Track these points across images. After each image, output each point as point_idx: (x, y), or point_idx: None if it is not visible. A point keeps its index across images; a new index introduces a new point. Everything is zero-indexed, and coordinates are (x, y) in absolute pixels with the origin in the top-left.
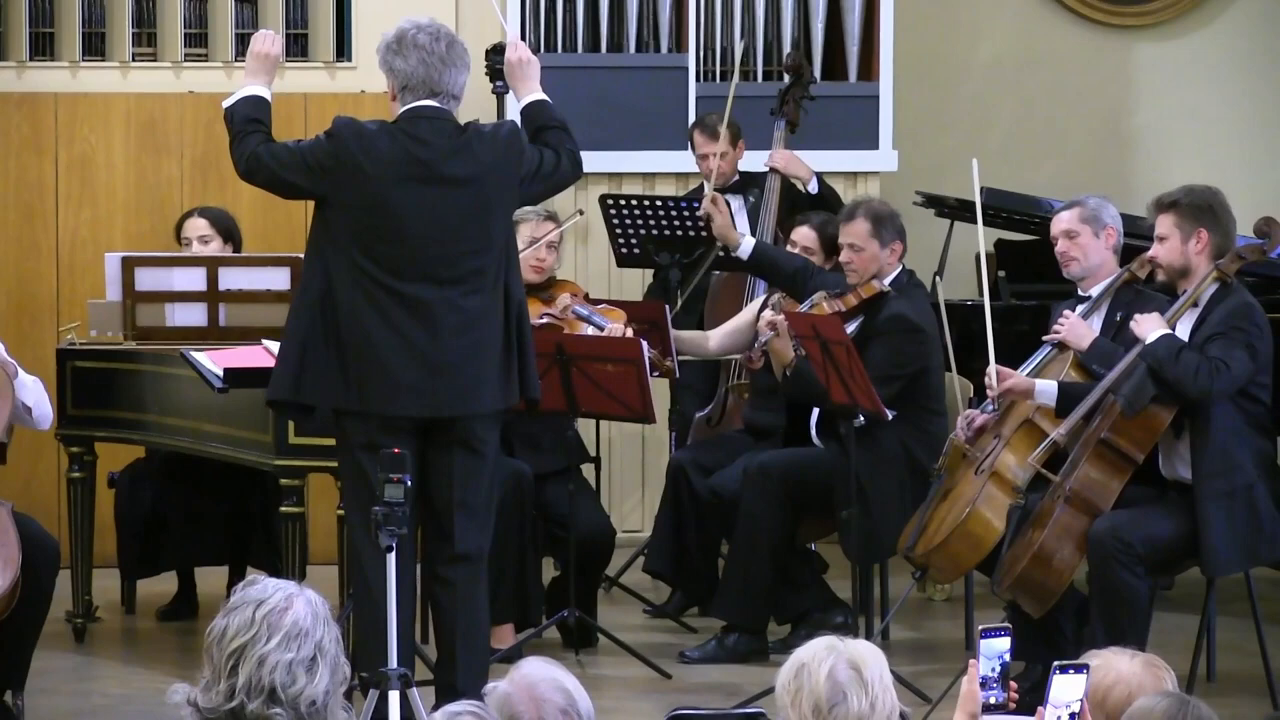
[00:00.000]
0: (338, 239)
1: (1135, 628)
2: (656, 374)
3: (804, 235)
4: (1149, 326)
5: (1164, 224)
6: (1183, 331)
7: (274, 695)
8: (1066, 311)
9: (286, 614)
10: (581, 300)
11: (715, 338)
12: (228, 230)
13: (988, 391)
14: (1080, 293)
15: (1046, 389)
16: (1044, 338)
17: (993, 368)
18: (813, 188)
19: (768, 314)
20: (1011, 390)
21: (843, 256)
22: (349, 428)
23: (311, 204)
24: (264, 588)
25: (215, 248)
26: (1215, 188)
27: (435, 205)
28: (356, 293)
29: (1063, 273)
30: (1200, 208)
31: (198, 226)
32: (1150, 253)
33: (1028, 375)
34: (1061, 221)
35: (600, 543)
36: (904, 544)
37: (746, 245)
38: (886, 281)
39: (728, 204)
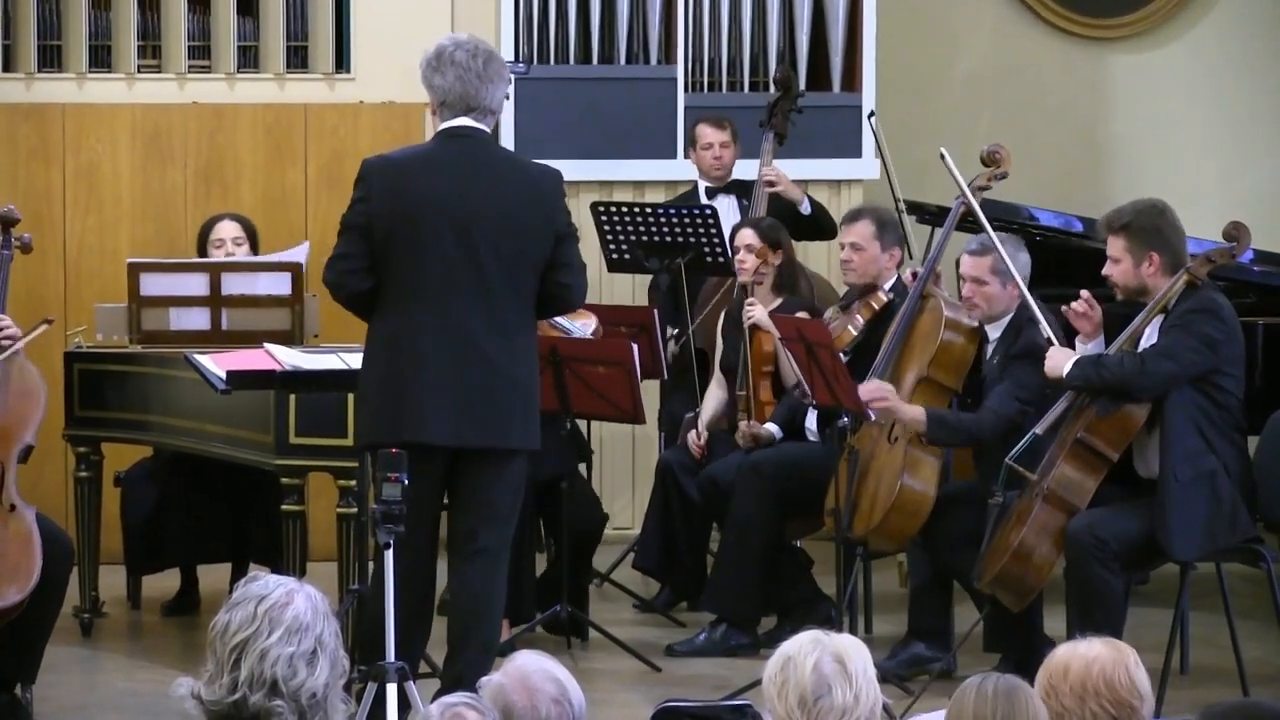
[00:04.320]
0: (390, 275)
1: (1110, 622)
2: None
3: (745, 236)
4: (1058, 361)
5: (1115, 246)
6: (1151, 335)
7: (275, 688)
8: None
9: (288, 609)
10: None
11: (706, 416)
12: (254, 234)
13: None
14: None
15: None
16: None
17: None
18: (805, 209)
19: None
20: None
21: (843, 255)
22: None
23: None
24: (265, 583)
25: (246, 250)
26: (1161, 204)
27: (469, 242)
28: (398, 327)
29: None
30: (1149, 231)
31: (230, 229)
32: (1105, 271)
33: (898, 335)
34: (969, 267)
35: (590, 529)
36: (835, 525)
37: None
38: (887, 285)
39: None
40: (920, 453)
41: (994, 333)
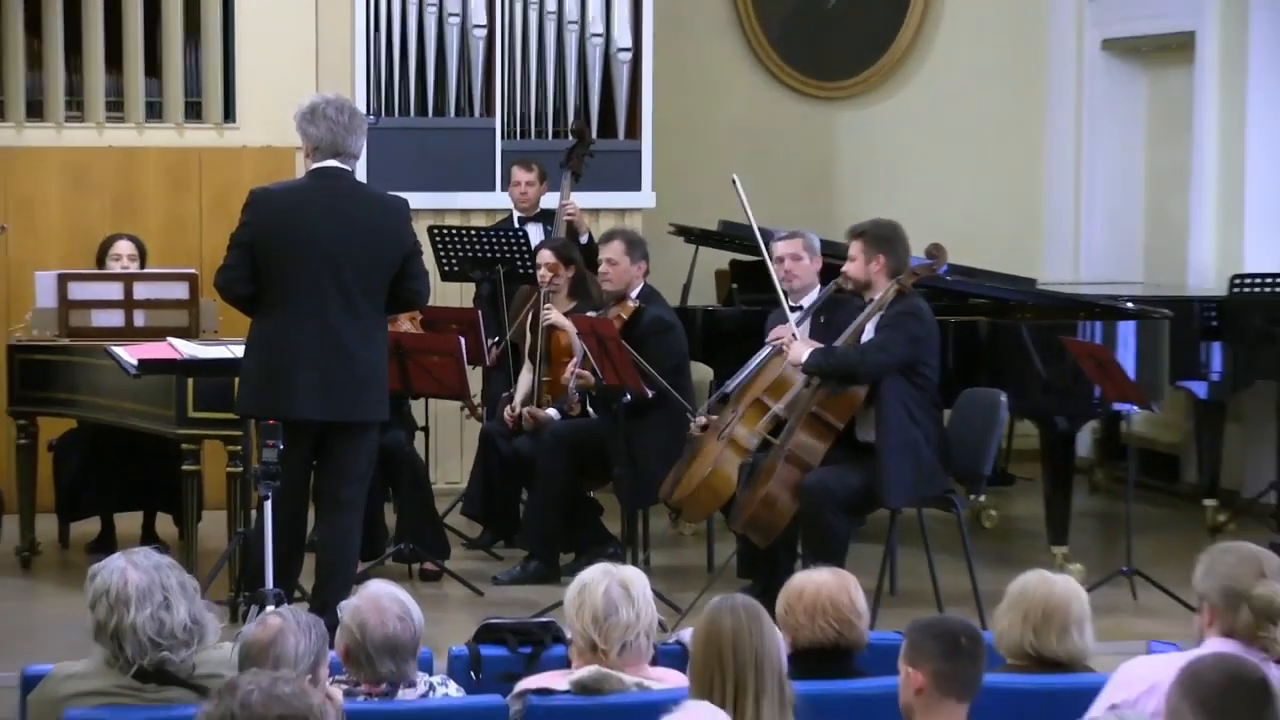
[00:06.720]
0: (269, 282)
1: (836, 556)
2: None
3: (544, 256)
4: (798, 351)
5: (854, 248)
6: (870, 329)
7: (155, 644)
8: (789, 330)
9: (127, 585)
10: (417, 325)
11: (519, 396)
12: (144, 251)
13: None
14: (792, 303)
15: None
16: (766, 340)
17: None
18: (584, 239)
19: (571, 368)
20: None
21: (601, 269)
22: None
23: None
24: (104, 576)
25: (137, 265)
26: (895, 221)
27: (334, 258)
28: (275, 324)
29: (784, 286)
30: (880, 237)
31: (126, 247)
32: (844, 268)
33: (751, 371)
34: (785, 247)
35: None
36: (664, 493)
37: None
38: (634, 293)
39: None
40: (734, 454)
41: (806, 301)
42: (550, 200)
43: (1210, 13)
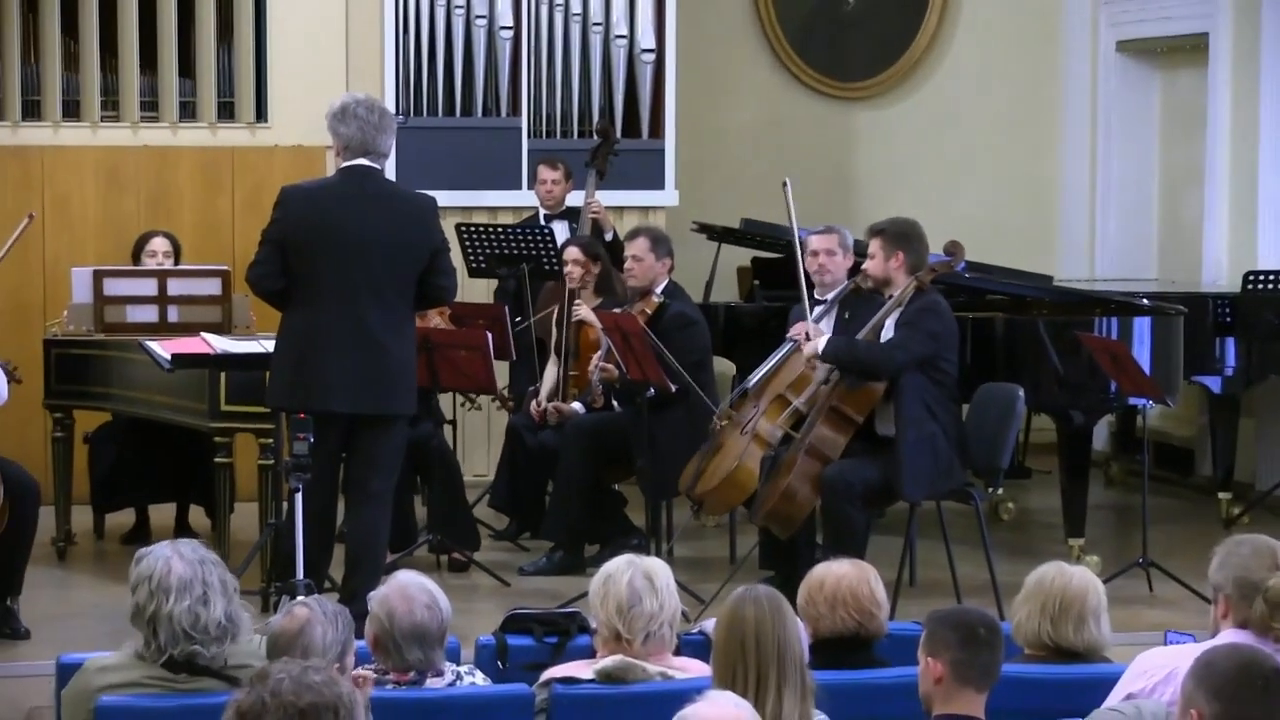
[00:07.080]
0: (300, 278)
1: (856, 547)
2: (497, 405)
3: (571, 253)
4: (813, 346)
5: (873, 245)
6: (890, 325)
7: (189, 635)
8: (809, 327)
9: (170, 575)
10: (447, 320)
11: (545, 390)
12: (178, 248)
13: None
14: (818, 296)
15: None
16: (787, 335)
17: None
18: (608, 237)
19: (595, 361)
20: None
21: (626, 265)
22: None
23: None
24: (148, 562)
25: (171, 262)
26: (913, 219)
27: (364, 255)
28: (307, 319)
29: (816, 279)
30: (899, 235)
31: (161, 244)
32: (864, 266)
33: (772, 367)
34: (820, 242)
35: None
36: (685, 484)
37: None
38: (659, 289)
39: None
40: (758, 448)
41: (830, 296)
42: (576, 198)
43: (1223, 15)
